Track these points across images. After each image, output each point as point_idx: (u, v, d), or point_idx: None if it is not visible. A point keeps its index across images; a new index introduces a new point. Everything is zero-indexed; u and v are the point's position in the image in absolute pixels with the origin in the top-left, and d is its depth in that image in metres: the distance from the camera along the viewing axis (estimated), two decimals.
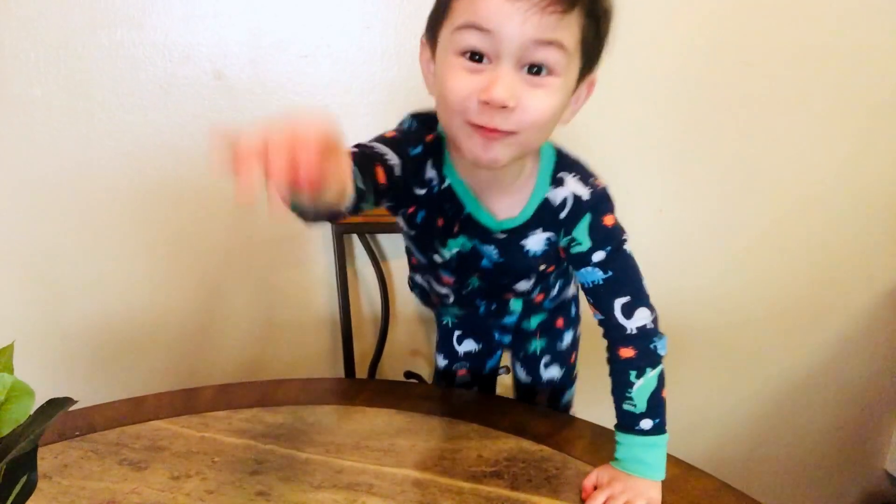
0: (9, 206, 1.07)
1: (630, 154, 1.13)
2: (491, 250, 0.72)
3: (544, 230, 0.70)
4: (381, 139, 0.64)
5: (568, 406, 0.98)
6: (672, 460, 0.71)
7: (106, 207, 1.09)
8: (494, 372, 1.00)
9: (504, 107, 0.55)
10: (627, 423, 0.69)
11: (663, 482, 0.68)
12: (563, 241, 0.70)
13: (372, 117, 1.07)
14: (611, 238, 0.68)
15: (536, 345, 0.93)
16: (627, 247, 0.69)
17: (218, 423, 0.80)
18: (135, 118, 1.04)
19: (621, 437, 0.69)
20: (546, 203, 0.68)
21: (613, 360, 0.70)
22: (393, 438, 0.76)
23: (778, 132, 1.13)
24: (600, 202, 0.68)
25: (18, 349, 0.45)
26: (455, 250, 0.74)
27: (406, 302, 1.22)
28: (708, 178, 1.16)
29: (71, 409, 0.44)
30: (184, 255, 1.14)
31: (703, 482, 0.69)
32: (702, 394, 1.34)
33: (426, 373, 1.19)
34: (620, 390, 0.69)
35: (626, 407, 0.69)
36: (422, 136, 0.67)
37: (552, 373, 0.94)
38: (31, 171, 1.05)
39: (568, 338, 0.93)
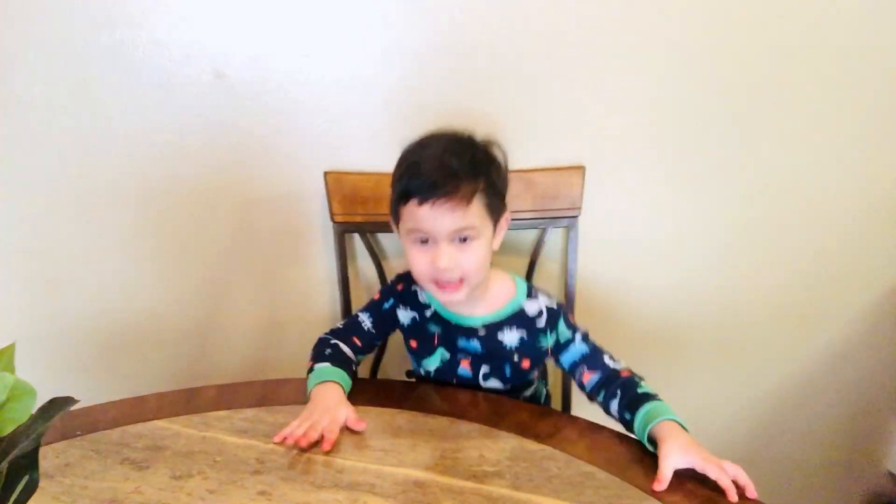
0: (9, 206, 1.07)
1: (632, 155, 1.13)
2: (475, 344, 0.91)
3: (518, 328, 0.90)
4: (369, 306, 0.97)
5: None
6: None
7: (107, 207, 1.09)
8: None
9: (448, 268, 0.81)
10: (650, 397, 0.80)
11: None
12: (551, 340, 0.90)
13: (372, 117, 1.07)
14: (578, 328, 0.91)
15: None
16: None
17: (219, 423, 0.80)
18: (135, 118, 1.04)
19: (649, 407, 0.78)
20: (522, 311, 0.91)
21: (616, 384, 0.84)
22: (394, 438, 0.77)
23: (779, 133, 1.13)
24: (563, 309, 0.92)
25: (20, 349, 0.45)
26: (435, 366, 0.94)
27: None
28: (708, 178, 1.15)
29: (73, 408, 0.44)
30: (185, 254, 1.14)
31: (703, 482, 0.69)
32: (702, 394, 1.34)
33: None
34: (630, 389, 0.82)
35: (641, 390, 0.82)
36: (393, 287, 0.97)
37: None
38: (32, 170, 1.05)
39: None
